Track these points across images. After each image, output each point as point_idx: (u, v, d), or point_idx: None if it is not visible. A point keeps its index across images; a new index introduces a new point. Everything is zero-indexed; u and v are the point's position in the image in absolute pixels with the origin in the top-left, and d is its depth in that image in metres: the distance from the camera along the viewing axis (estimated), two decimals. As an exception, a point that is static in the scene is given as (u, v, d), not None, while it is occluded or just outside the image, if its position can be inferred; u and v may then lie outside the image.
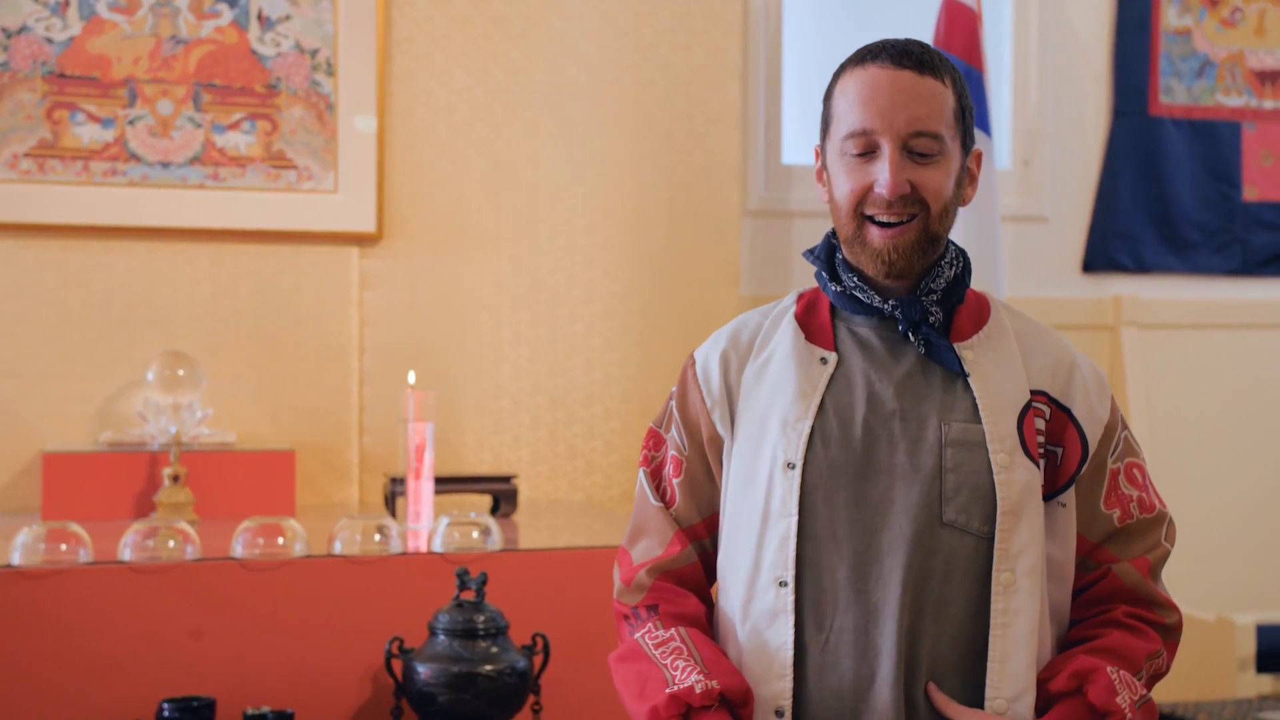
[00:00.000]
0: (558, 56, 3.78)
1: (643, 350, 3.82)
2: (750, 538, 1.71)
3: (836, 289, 1.76)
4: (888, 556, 1.66)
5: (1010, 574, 1.65)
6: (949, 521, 1.66)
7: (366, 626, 2.74)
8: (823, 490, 1.68)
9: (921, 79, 1.68)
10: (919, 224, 1.69)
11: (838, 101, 1.73)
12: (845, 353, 1.74)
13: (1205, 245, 4.45)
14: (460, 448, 3.73)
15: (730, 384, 1.78)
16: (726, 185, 3.88)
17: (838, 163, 1.72)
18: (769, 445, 1.71)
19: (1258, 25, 4.50)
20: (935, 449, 1.67)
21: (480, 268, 3.75)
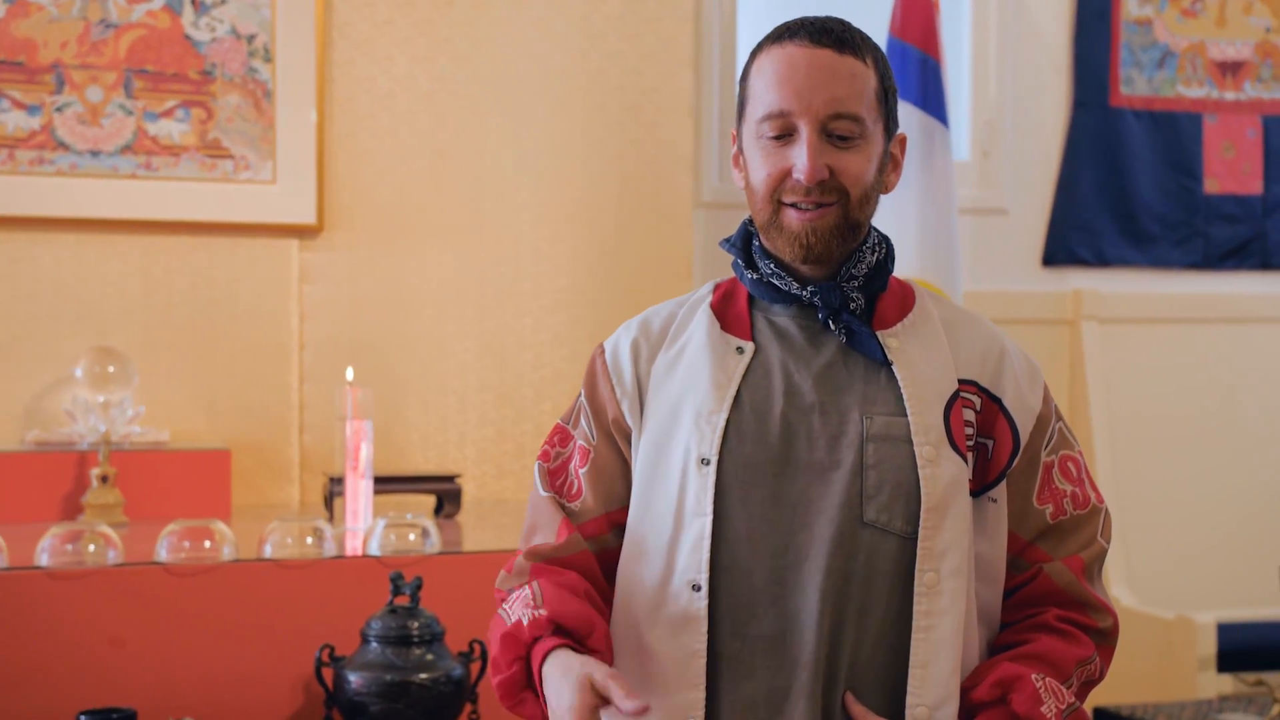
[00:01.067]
0: (504, 43, 3.68)
1: (592, 345, 3.70)
2: (661, 537, 1.61)
3: (753, 277, 1.67)
4: (806, 560, 1.56)
5: (934, 574, 1.55)
6: (870, 521, 1.56)
7: (296, 633, 2.63)
8: (738, 488, 1.58)
9: (841, 58, 1.59)
10: (838, 210, 1.60)
11: (754, 82, 1.64)
12: (763, 343, 1.65)
13: (1166, 238, 4.38)
14: (404, 446, 3.63)
15: (640, 374, 1.68)
16: (679, 176, 3.78)
17: (754, 146, 1.63)
18: (681, 439, 1.61)
19: (1219, 16, 4.43)
20: (856, 444, 1.58)
21: (424, 261, 3.64)
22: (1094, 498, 1.67)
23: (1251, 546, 4.35)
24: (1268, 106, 4.45)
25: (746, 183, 1.66)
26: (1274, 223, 4.45)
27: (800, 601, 1.56)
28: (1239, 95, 4.44)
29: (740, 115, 1.67)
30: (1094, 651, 1.63)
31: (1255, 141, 4.44)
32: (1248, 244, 4.44)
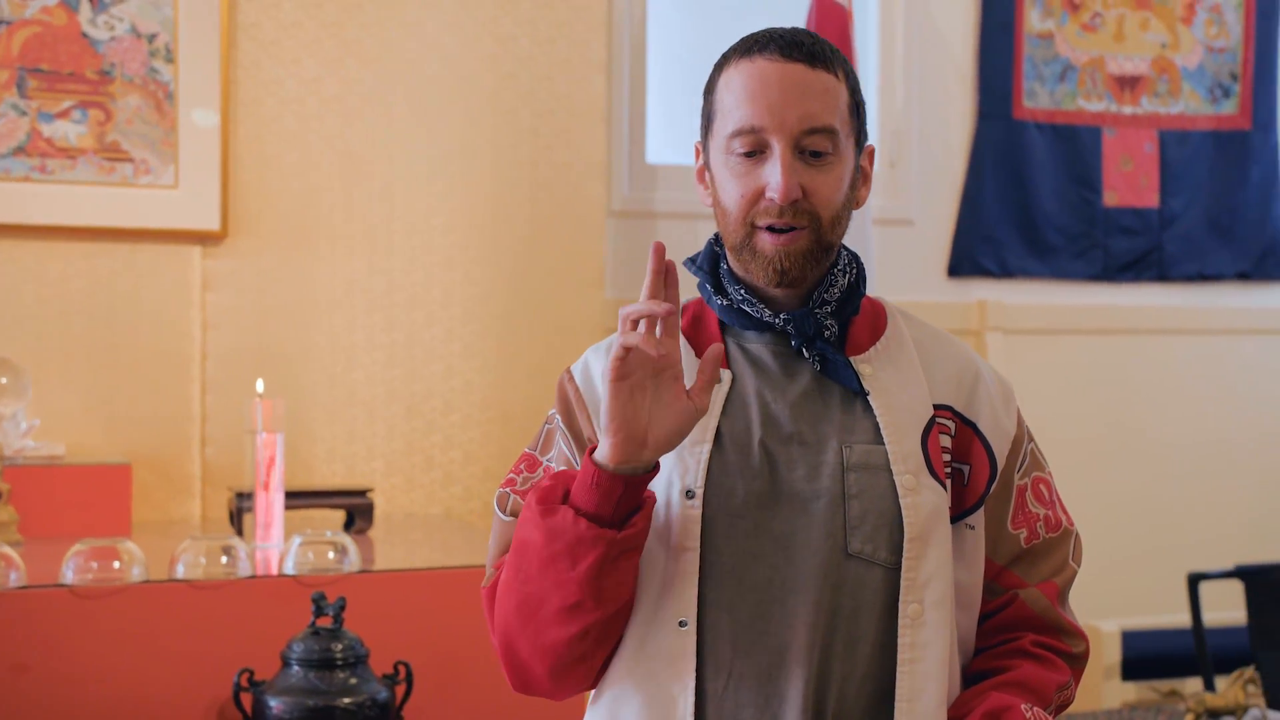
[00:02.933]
0: (414, 47, 3.60)
1: (504, 355, 3.65)
2: (654, 571, 1.55)
3: (723, 302, 1.61)
4: (792, 595, 1.52)
5: (918, 605, 1.51)
6: (855, 552, 1.52)
7: (213, 657, 2.53)
8: (723, 521, 1.53)
9: (814, 72, 1.54)
10: (809, 234, 1.55)
11: (721, 96, 1.58)
12: (738, 371, 1.60)
13: (1067, 250, 4.43)
14: (310, 459, 3.53)
15: None
16: (591, 184, 3.73)
17: (723, 163, 1.57)
18: (664, 471, 1.55)
19: (1117, 31, 4.49)
20: (837, 474, 1.54)
21: (332, 268, 3.55)
22: (1065, 520, 1.65)
23: (1155, 555, 4.41)
24: (1164, 121, 4.52)
25: (715, 201, 1.60)
26: (1170, 235, 4.52)
27: (788, 636, 1.51)
28: (1136, 110, 4.50)
29: (707, 130, 1.61)
30: (1070, 677, 1.61)
31: (1152, 155, 4.51)
32: (1145, 256, 4.50)
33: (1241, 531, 4.46)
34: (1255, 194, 4.59)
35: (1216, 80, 4.56)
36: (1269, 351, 4.62)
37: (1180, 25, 4.53)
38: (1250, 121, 4.57)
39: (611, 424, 1.45)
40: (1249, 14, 4.57)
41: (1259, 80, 4.57)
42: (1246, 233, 4.58)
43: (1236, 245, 4.58)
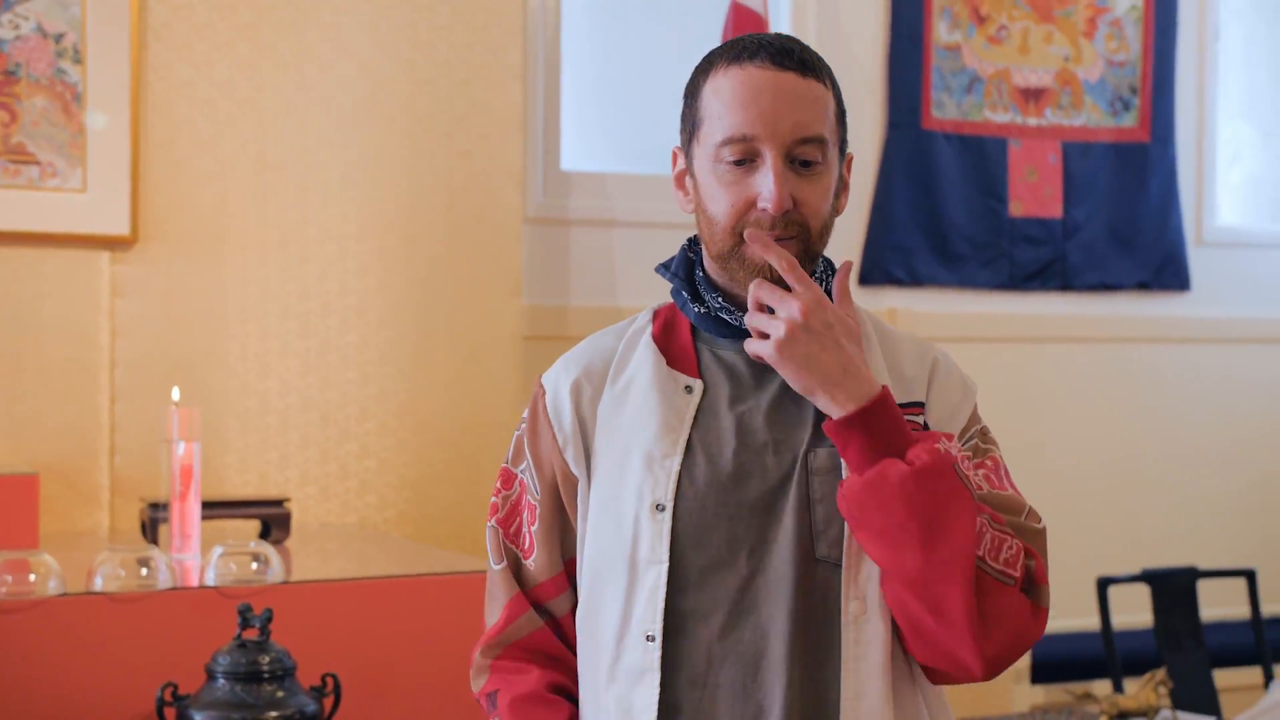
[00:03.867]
0: (329, 51, 3.55)
1: (420, 363, 3.61)
2: (618, 588, 1.55)
3: (699, 310, 1.60)
4: (764, 603, 1.52)
5: (859, 603, 1.52)
6: (822, 557, 1.52)
7: (134, 671, 2.47)
8: (694, 534, 1.53)
9: (805, 80, 1.55)
10: (797, 244, 1.55)
11: (709, 102, 1.56)
12: (710, 380, 1.59)
13: (975, 259, 4.49)
14: (222, 469, 3.46)
15: (584, 416, 1.61)
16: (508, 191, 3.71)
17: (709, 171, 1.56)
18: (633, 484, 1.55)
19: (1022, 43, 4.57)
20: (803, 479, 1.54)
21: (244, 274, 3.49)
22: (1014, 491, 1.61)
23: (1063, 559, 4.46)
24: (1067, 133, 4.61)
25: (699, 209, 1.59)
26: (1073, 245, 4.60)
27: (762, 645, 1.51)
28: (1041, 121, 4.58)
29: (691, 136, 1.60)
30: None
31: (1056, 167, 4.59)
32: (1049, 266, 4.58)
33: (1148, 536, 4.55)
34: (1154, 205, 4.69)
35: (1117, 93, 4.66)
36: (1167, 360, 4.72)
37: (1082, 39, 4.62)
38: (1149, 134, 4.68)
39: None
40: (1147, 29, 4.67)
41: (1157, 94, 4.68)
42: (1146, 243, 4.68)
43: (1136, 255, 4.68)
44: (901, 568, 1.47)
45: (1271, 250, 4.91)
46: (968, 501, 1.48)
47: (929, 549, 1.45)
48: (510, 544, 1.67)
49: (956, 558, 1.45)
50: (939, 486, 1.46)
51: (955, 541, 1.45)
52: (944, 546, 1.45)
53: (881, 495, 1.46)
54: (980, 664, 1.48)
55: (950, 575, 1.45)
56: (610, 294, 3.99)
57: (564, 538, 1.64)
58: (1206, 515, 4.70)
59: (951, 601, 1.46)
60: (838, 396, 1.49)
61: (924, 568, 1.45)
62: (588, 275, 3.98)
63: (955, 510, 1.46)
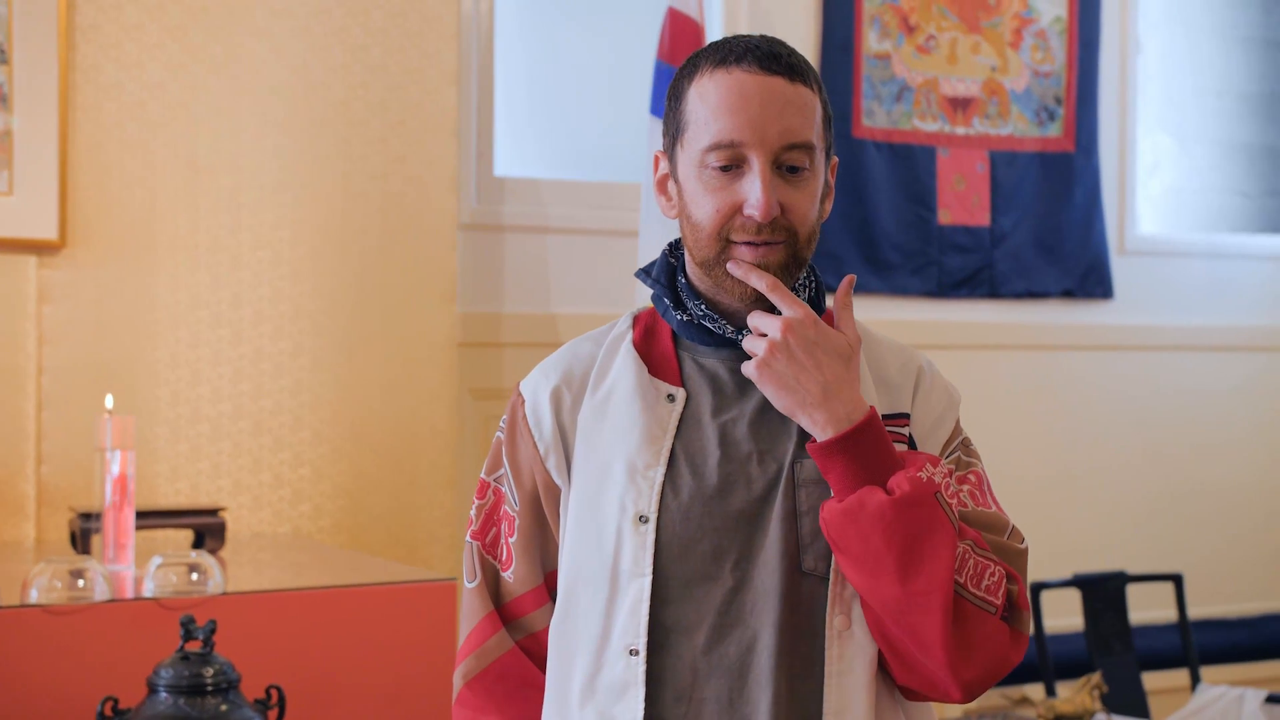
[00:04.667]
0: (262, 53, 3.50)
1: (355, 370, 3.57)
2: (598, 601, 1.52)
3: (682, 318, 1.58)
4: (751, 615, 1.50)
5: (844, 618, 1.50)
6: (808, 570, 1.50)
7: (73, 685, 2.41)
8: (678, 546, 1.51)
9: (793, 86, 1.53)
10: (785, 249, 1.54)
11: (694, 107, 1.55)
12: (692, 389, 1.57)
13: (904, 267, 4.52)
14: (153, 478, 3.40)
15: (564, 424, 1.59)
16: (442, 197, 3.67)
17: (695, 177, 1.54)
18: (615, 495, 1.53)
19: (950, 53, 4.61)
20: (789, 490, 1.52)
21: (175, 280, 3.42)
22: (997, 509, 1.60)
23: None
24: (994, 142, 4.65)
25: (682, 214, 1.57)
26: (1000, 254, 4.65)
27: (748, 659, 1.49)
28: (969, 130, 4.62)
29: (675, 140, 1.58)
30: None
31: (983, 175, 4.64)
32: (977, 274, 4.62)
33: (1077, 541, 4.60)
34: (1079, 214, 4.75)
35: (1042, 103, 4.71)
36: (1092, 367, 4.78)
37: (1009, 50, 4.67)
38: (1074, 144, 4.74)
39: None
40: (1071, 40, 4.73)
41: (1081, 104, 4.74)
42: (1071, 251, 4.74)
43: (1061, 264, 4.73)
44: (878, 595, 1.46)
45: (1190, 259, 4.99)
46: (948, 532, 1.46)
47: (906, 579, 1.44)
48: (488, 556, 1.64)
49: (934, 589, 1.43)
50: (918, 516, 1.45)
51: (933, 572, 1.44)
52: (921, 577, 1.44)
53: (859, 524, 1.45)
54: (958, 690, 1.48)
55: (927, 606, 1.44)
56: (544, 301, 3.97)
57: (544, 549, 1.61)
58: (1134, 520, 4.76)
59: (928, 631, 1.44)
60: (817, 419, 1.48)
61: (900, 597, 1.44)
62: (522, 282, 3.95)
63: (935, 541, 1.45)
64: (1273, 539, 4.97)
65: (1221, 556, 4.85)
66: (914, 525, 1.44)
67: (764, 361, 1.49)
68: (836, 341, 1.51)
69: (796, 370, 1.48)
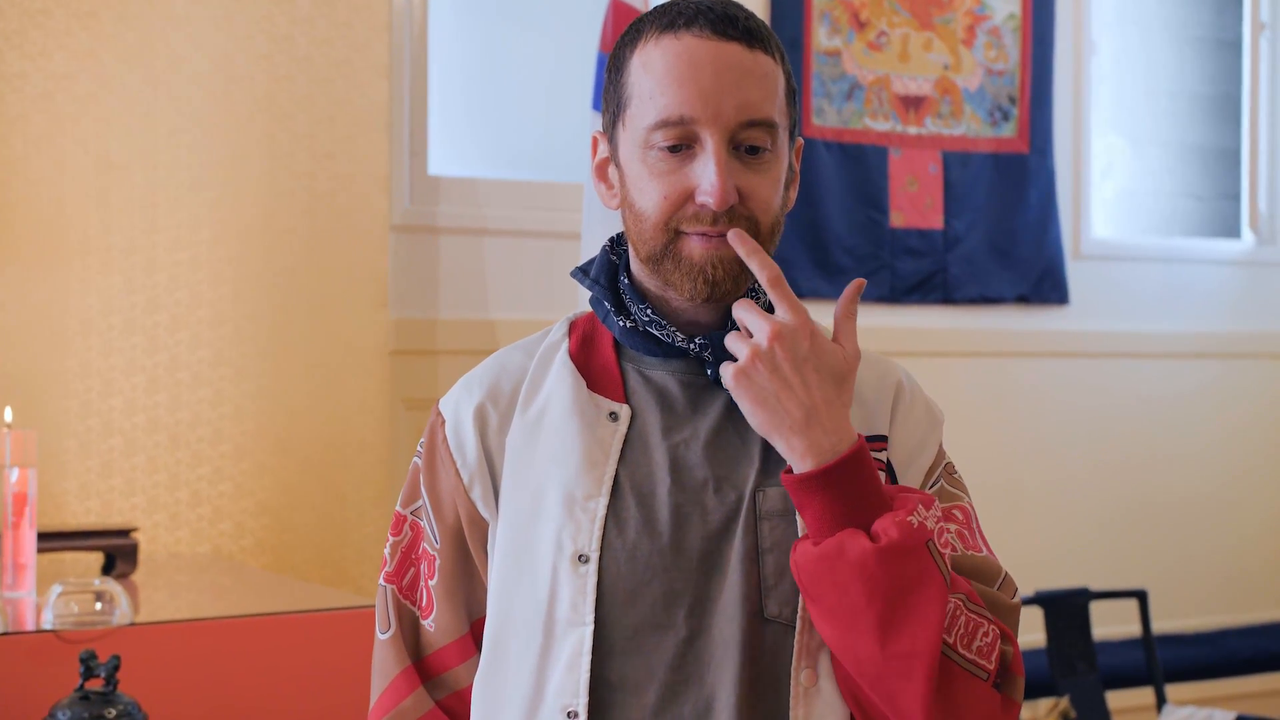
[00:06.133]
0: (180, 43, 3.28)
1: (280, 380, 3.36)
2: (529, 653, 1.31)
3: (624, 323, 1.38)
4: (709, 670, 1.29)
5: (810, 671, 1.30)
6: (772, 616, 1.30)
7: (-40, 728, 2.20)
8: (624, 589, 1.30)
9: (751, 53, 1.33)
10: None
11: (637, 78, 1.34)
12: (638, 405, 1.36)
13: (856, 271, 4.36)
14: (60, 495, 3.17)
15: (490, 448, 1.38)
16: (374, 196, 3.47)
17: (638, 159, 1.34)
18: (550, 530, 1.32)
19: (901, 51, 4.46)
20: (750, 524, 1.32)
21: (85, 284, 3.20)
22: (987, 551, 1.41)
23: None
24: (947, 142, 4.51)
25: (625, 202, 1.37)
26: (954, 257, 4.50)
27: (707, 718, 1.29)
28: (921, 130, 4.47)
29: (616, 118, 1.37)
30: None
31: (936, 177, 4.49)
32: (930, 278, 4.47)
33: (1036, 556, 4.45)
34: (1033, 217, 4.61)
35: (996, 103, 4.57)
36: (1047, 374, 4.65)
37: (962, 47, 4.53)
38: (1028, 145, 4.60)
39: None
40: (1025, 38, 4.60)
41: (1035, 104, 4.61)
42: (1025, 255, 4.60)
43: (1016, 268, 4.59)
44: (853, 655, 1.26)
45: (1145, 263, 4.87)
46: (938, 588, 1.26)
47: (887, 639, 1.24)
48: (405, 601, 1.42)
49: (918, 653, 1.24)
50: (905, 569, 1.25)
51: (919, 634, 1.24)
52: (904, 638, 1.24)
53: (836, 572, 1.25)
54: None
55: (908, 671, 1.24)
56: (481, 306, 3.78)
57: (470, 593, 1.40)
58: (1092, 532, 4.63)
59: (907, 700, 1.25)
60: (795, 446, 1.28)
61: (878, 659, 1.24)
62: (458, 286, 3.76)
63: (922, 598, 1.25)
64: (1233, 552, 4.85)
65: (1182, 570, 4.73)
66: (900, 578, 1.25)
67: (743, 370, 1.29)
68: (833, 358, 1.31)
69: (779, 386, 1.28)
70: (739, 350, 1.31)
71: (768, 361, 1.28)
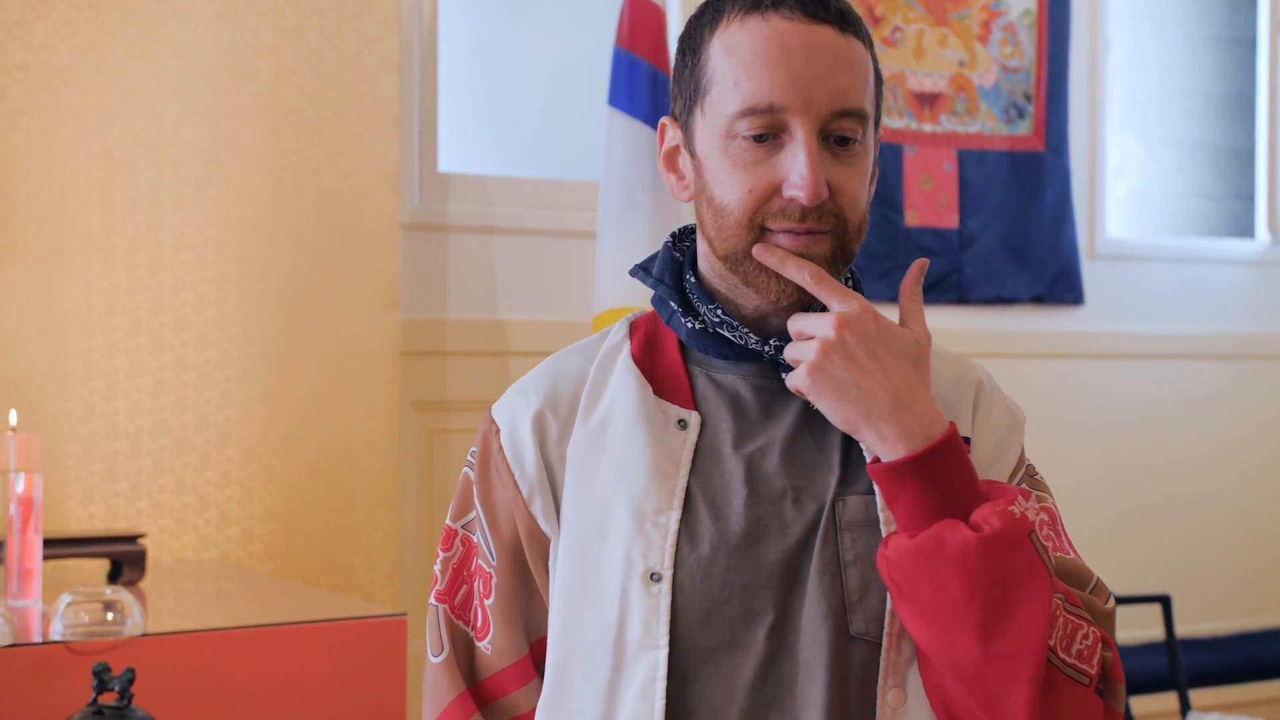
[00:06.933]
0: (185, 36, 3.20)
1: (288, 382, 3.27)
2: (597, 679, 1.23)
3: (693, 325, 1.30)
4: (792, 693, 1.21)
5: (899, 691, 1.22)
6: (857, 634, 1.23)
7: (-33, 745, 2.11)
8: (699, 609, 1.22)
9: (844, 38, 1.26)
10: (831, 240, 1.27)
11: (718, 63, 1.27)
12: (708, 412, 1.29)
13: (870, 271, 4.29)
14: (63, 501, 3.09)
15: (550, 458, 1.30)
16: (384, 194, 3.39)
17: (719, 149, 1.26)
18: (618, 547, 1.24)
19: (916, 46, 4.38)
20: (831, 536, 1.24)
21: (88, 285, 3.12)
22: (1074, 554, 1.34)
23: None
24: (961, 140, 4.43)
25: (700, 194, 1.29)
26: (970, 257, 4.43)
27: None
28: (936, 128, 4.40)
29: (692, 103, 1.29)
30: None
31: (951, 175, 4.41)
32: (945, 278, 4.40)
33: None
34: (1048, 217, 4.54)
35: (1011, 100, 4.50)
36: (1062, 375, 4.58)
37: (977, 43, 4.45)
38: (1043, 143, 4.53)
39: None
40: (1041, 34, 4.53)
41: (1051, 101, 4.53)
42: (1040, 255, 4.53)
43: (1031, 268, 4.52)
44: (952, 656, 1.17)
45: (1159, 264, 4.80)
46: (1044, 581, 1.18)
47: (990, 638, 1.16)
48: (458, 621, 1.34)
49: (1024, 652, 1.16)
50: (1009, 562, 1.17)
51: (1024, 631, 1.16)
52: (1009, 637, 1.16)
53: (936, 566, 1.17)
54: None
55: (1013, 672, 1.16)
56: (491, 306, 3.69)
57: (530, 613, 1.32)
58: (1107, 535, 4.55)
59: (1012, 705, 1.16)
60: (887, 434, 1.20)
61: (981, 660, 1.16)
62: (467, 286, 3.67)
63: (1027, 593, 1.17)
64: (1251, 555, 4.79)
65: (1199, 573, 4.66)
66: (1004, 572, 1.17)
67: (816, 366, 1.22)
68: (903, 340, 1.24)
69: (857, 374, 1.21)
70: (803, 351, 1.24)
71: (840, 350, 1.21)
